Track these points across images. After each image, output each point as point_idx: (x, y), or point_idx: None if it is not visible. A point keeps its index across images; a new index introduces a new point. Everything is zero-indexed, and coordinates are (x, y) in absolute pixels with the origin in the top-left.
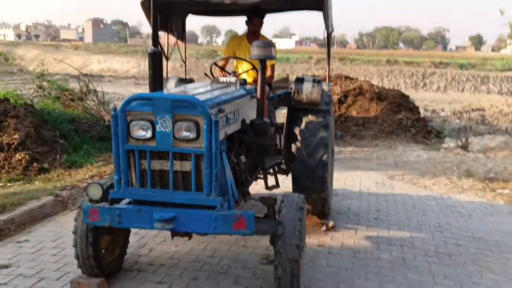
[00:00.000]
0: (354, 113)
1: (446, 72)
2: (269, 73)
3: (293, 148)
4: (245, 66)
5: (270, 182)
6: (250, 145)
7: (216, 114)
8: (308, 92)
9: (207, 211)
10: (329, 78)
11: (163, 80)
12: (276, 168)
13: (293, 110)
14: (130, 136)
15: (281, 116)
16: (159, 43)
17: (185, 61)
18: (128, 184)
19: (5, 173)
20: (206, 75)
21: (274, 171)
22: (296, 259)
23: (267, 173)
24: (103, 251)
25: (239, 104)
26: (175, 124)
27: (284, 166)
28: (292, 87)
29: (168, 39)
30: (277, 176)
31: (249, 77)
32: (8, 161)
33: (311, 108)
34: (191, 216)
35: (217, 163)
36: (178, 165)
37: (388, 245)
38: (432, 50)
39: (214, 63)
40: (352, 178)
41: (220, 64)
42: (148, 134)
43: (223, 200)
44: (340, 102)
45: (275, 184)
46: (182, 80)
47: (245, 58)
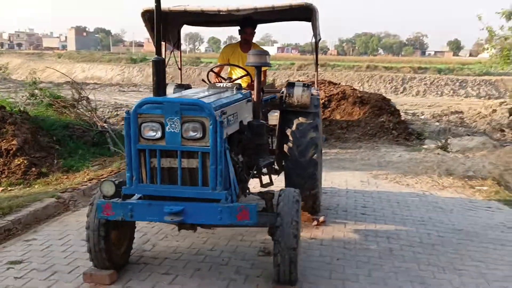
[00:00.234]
0: (338, 117)
1: (425, 77)
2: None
3: (285, 148)
4: (239, 72)
5: (264, 180)
6: (248, 145)
7: (221, 115)
8: (299, 95)
9: (213, 204)
10: (317, 83)
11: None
12: (270, 167)
13: (285, 112)
14: (141, 136)
15: (273, 118)
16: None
17: (180, 68)
18: (139, 180)
19: (5, 177)
20: (204, 81)
21: (268, 170)
22: (294, 247)
23: (261, 172)
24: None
25: (238, 107)
26: (183, 125)
27: (276, 166)
28: (284, 91)
29: (166, 48)
30: (271, 174)
31: (243, 83)
32: (7, 166)
33: (302, 110)
34: (198, 208)
35: (221, 160)
36: (185, 163)
37: (375, 237)
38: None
39: (211, 70)
40: (339, 177)
41: (216, 70)
42: (158, 135)
43: (227, 194)
44: (324, 106)
45: (269, 182)
46: (180, 86)
47: (240, 65)
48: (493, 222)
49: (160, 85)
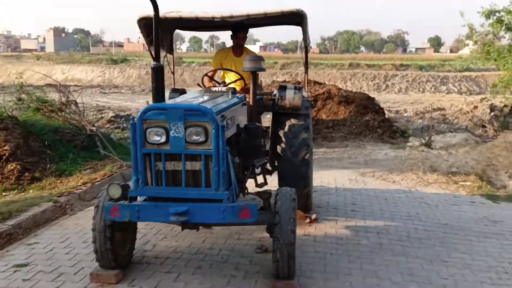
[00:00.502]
0: (324, 116)
1: (407, 74)
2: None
3: (279, 149)
4: (232, 76)
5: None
6: (244, 147)
7: (222, 120)
8: (291, 98)
9: (216, 204)
10: (306, 85)
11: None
12: (263, 167)
13: (277, 114)
14: (146, 141)
15: (266, 120)
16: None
17: (173, 72)
18: (145, 183)
19: None
20: (199, 85)
21: (262, 170)
22: (292, 242)
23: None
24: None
25: (235, 111)
26: (186, 130)
27: (269, 166)
28: (276, 93)
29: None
30: (265, 174)
31: (237, 87)
32: (1, 172)
33: (293, 112)
34: (202, 208)
35: (223, 162)
36: (189, 165)
37: (365, 233)
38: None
39: (205, 74)
40: (327, 176)
41: (209, 75)
42: (163, 139)
43: (229, 194)
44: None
45: (263, 182)
46: (175, 91)
47: (233, 69)
48: (477, 216)
49: (159, 91)
